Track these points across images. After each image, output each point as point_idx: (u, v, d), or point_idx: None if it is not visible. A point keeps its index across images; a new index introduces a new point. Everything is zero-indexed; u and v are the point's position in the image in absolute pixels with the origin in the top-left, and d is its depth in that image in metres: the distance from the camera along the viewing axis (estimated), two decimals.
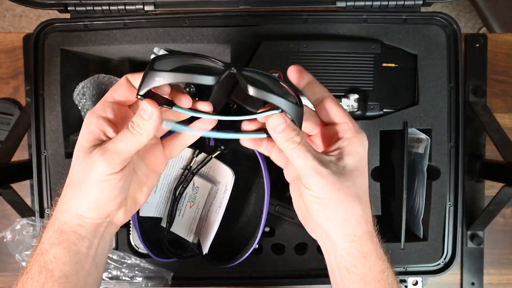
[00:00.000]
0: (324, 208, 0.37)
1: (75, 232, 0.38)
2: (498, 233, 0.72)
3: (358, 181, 0.37)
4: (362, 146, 0.38)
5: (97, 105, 0.38)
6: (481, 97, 0.70)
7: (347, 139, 0.38)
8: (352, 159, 0.38)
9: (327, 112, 0.39)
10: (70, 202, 0.38)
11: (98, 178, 0.36)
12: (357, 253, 0.38)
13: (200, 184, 0.57)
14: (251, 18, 0.58)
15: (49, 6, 0.57)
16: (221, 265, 0.56)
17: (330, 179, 0.36)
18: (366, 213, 0.38)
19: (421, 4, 0.58)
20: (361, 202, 0.37)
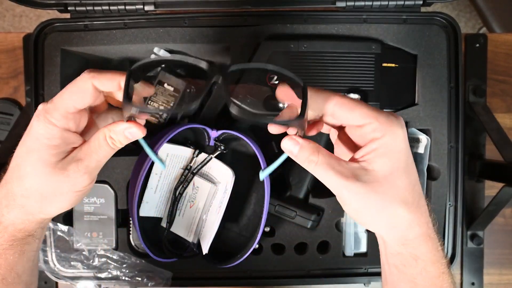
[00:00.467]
0: (367, 216, 0.35)
1: (32, 236, 0.40)
2: (498, 233, 0.72)
3: (398, 183, 0.34)
4: (396, 142, 0.34)
5: (55, 114, 0.36)
6: (481, 97, 0.70)
7: (376, 141, 0.34)
8: (385, 162, 0.34)
9: (342, 119, 0.35)
10: (32, 210, 0.38)
11: (77, 190, 0.38)
12: (408, 255, 0.36)
13: (200, 184, 0.57)
14: (251, 18, 0.58)
15: (49, 6, 0.58)
16: (221, 265, 0.56)
17: (361, 191, 0.33)
18: (417, 215, 0.35)
19: (421, 4, 0.58)
20: (407, 204, 0.34)
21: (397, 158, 0.34)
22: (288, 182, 0.60)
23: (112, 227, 0.59)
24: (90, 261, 0.59)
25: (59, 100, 0.36)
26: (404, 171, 0.34)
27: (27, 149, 0.37)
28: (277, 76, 0.38)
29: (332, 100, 0.35)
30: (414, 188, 0.35)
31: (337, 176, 0.34)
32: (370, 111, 0.34)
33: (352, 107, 0.34)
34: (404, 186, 0.34)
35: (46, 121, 0.36)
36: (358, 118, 0.34)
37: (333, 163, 0.34)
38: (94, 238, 0.59)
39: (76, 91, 0.36)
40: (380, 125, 0.34)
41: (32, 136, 0.37)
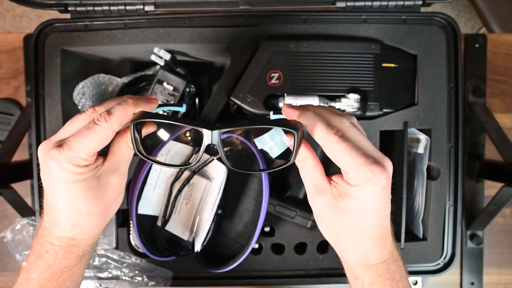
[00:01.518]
0: (323, 226, 0.40)
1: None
2: (497, 233, 0.72)
3: (349, 224, 0.37)
4: (362, 195, 0.36)
5: (77, 160, 0.37)
6: (480, 97, 0.71)
7: (347, 185, 0.37)
8: (347, 203, 0.37)
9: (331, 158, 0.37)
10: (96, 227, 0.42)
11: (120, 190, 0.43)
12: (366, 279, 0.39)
13: (196, 180, 0.57)
14: (251, 18, 0.58)
15: (49, 6, 0.58)
16: (213, 269, 0.56)
17: (321, 208, 0.38)
18: (361, 257, 0.38)
19: (420, 4, 0.58)
20: (353, 246, 0.38)
21: (359, 207, 0.37)
22: (288, 182, 0.61)
23: (112, 227, 0.59)
24: (90, 261, 0.59)
25: (79, 146, 0.37)
26: (373, 215, 0.37)
27: (62, 192, 0.38)
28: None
29: (321, 142, 0.37)
30: (381, 224, 0.38)
31: (311, 186, 0.39)
32: (351, 164, 0.36)
33: (334, 156, 0.36)
34: (372, 225, 0.37)
35: (70, 166, 0.37)
36: (338, 165, 0.37)
37: (312, 175, 0.38)
38: None
39: (97, 139, 0.37)
40: (355, 178, 0.36)
41: (60, 180, 0.37)
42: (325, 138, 0.36)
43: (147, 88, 0.62)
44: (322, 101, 0.56)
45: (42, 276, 0.39)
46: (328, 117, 0.38)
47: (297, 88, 0.56)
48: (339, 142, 0.35)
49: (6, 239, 0.58)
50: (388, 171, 0.36)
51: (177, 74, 0.59)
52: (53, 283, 0.39)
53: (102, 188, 0.39)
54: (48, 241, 0.39)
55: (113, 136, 0.38)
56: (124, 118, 0.38)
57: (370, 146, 0.37)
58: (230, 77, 0.57)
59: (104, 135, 0.37)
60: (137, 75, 0.62)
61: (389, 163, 0.37)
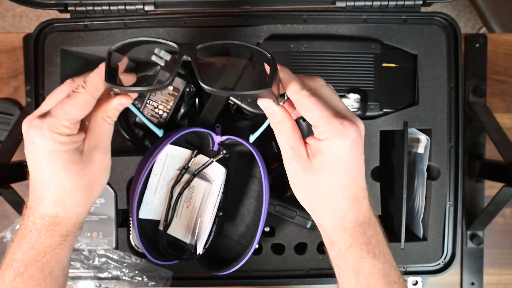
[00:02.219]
0: (296, 189, 0.40)
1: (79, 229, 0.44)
2: (498, 233, 0.72)
3: (324, 181, 0.38)
4: (333, 148, 0.37)
5: (59, 127, 0.38)
6: (480, 97, 0.70)
7: (317, 141, 0.37)
8: (319, 161, 0.37)
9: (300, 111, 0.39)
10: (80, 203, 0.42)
11: (104, 166, 0.43)
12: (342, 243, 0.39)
13: (196, 183, 0.57)
14: (251, 18, 0.58)
15: (49, 6, 0.58)
16: (216, 272, 0.56)
17: (298, 171, 0.38)
18: (337, 215, 0.38)
19: (421, 4, 0.58)
20: (329, 199, 0.38)
21: (333, 161, 0.37)
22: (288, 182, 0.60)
23: (112, 227, 0.59)
24: (90, 261, 0.59)
25: (61, 113, 0.38)
26: (346, 171, 0.37)
27: (44, 164, 0.38)
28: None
29: (293, 96, 0.38)
30: (355, 183, 0.38)
31: (289, 148, 0.39)
32: (320, 117, 0.37)
33: (305, 108, 0.37)
34: (346, 183, 0.37)
35: (52, 136, 0.37)
36: (308, 119, 0.38)
37: (290, 137, 0.39)
38: (94, 238, 0.59)
39: (77, 105, 0.38)
40: (324, 131, 0.37)
41: (42, 150, 0.38)
42: (297, 92, 0.37)
43: None
44: None
45: (25, 256, 0.39)
46: (303, 77, 0.40)
47: None
48: (310, 96, 0.37)
49: (6, 239, 0.58)
50: (358, 127, 0.37)
51: (177, 74, 0.59)
52: (37, 264, 0.39)
53: (84, 163, 0.40)
54: (31, 220, 0.39)
55: (93, 102, 0.39)
56: (99, 82, 0.39)
57: (342, 105, 0.39)
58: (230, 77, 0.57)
59: (84, 101, 0.38)
60: (137, 75, 0.61)
61: (360, 122, 0.38)
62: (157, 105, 0.59)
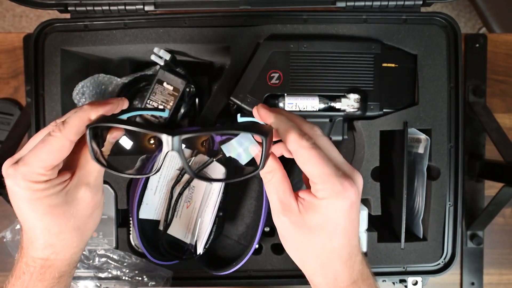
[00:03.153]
0: (285, 243, 0.38)
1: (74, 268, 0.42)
2: (498, 233, 0.72)
3: (316, 241, 0.35)
4: (329, 210, 0.34)
5: (33, 175, 0.35)
6: (480, 97, 0.70)
7: (314, 198, 0.35)
8: (314, 220, 0.35)
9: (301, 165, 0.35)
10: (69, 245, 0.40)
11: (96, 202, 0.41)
12: None
13: (196, 183, 0.57)
14: (251, 18, 0.58)
15: (49, 6, 0.58)
16: (216, 271, 0.56)
17: (287, 226, 0.36)
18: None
19: (421, 4, 0.58)
20: (317, 259, 0.36)
21: (328, 222, 0.35)
22: None
23: (112, 227, 0.59)
24: (90, 261, 0.59)
25: (34, 160, 0.35)
26: (342, 234, 0.35)
27: (26, 210, 0.37)
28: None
29: (292, 148, 0.35)
30: (350, 243, 0.36)
31: (278, 202, 0.36)
32: (321, 174, 0.34)
33: (304, 162, 0.34)
34: (341, 245, 0.35)
35: (27, 184, 0.35)
36: (307, 174, 0.35)
37: (279, 190, 0.36)
38: (94, 238, 0.59)
39: (51, 151, 0.35)
40: (322, 190, 0.34)
41: (21, 198, 0.36)
42: (297, 143, 0.34)
43: (147, 88, 0.62)
44: (322, 101, 0.56)
45: None
46: (300, 124, 0.37)
47: (297, 88, 0.56)
48: (311, 149, 0.34)
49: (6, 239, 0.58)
50: (358, 186, 0.35)
51: (177, 74, 0.59)
52: None
53: (70, 204, 0.37)
54: (24, 262, 0.38)
55: (71, 146, 0.36)
56: (79, 125, 0.36)
57: (340, 158, 0.36)
58: (230, 77, 0.57)
59: (59, 146, 0.35)
60: (137, 75, 0.61)
61: (359, 177, 0.36)
62: (157, 105, 0.59)
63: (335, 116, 0.57)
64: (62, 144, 0.35)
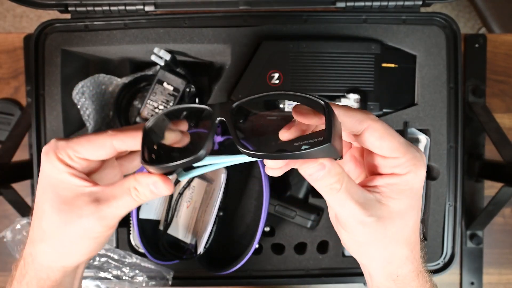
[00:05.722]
0: (365, 250, 0.34)
1: (60, 285, 0.36)
2: (497, 232, 0.72)
3: (409, 224, 0.32)
4: (417, 183, 0.32)
5: (63, 153, 0.33)
6: (480, 97, 0.71)
7: (398, 176, 0.32)
8: (402, 200, 0.32)
9: (367, 145, 0.32)
10: (50, 257, 0.35)
11: (91, 235, 0.34)
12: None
13: (196, 183, 0.57)
14: (251, 18, 0.58)
15: (49, 6, 0.58)
16: (216, 271, 0.56)
17: (373, 227, 0.31)
18: (414, 252, 0.34)
19: (420, 5, 0.58)
20: (409, 244, 0.33)
21: (415, 198, 0.32)
22: (288, 182, 0.61)
23: None
24: (90, 261, 0.59)
25: (75, 142, 0.33)
26: (416, 212, 0.33)
27: (42, 188, 0.35)
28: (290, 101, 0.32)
29: (365, 124, 0.31)
30: (418, 228, 0.34)
31: (356, 207, 0.30)
32: (399, 145, 0.31)
33: (382, 136, 0.31)
34: (413, 227, 0.33)
35: (54, 158, 0.33)
36: (386, 149, 0.31)
37: (353, 192, 0.31)
38: None
39: (94, 142, 0.33)
40: (406, 162, 0.31)
41: (43, 173, 0.34)
42: (369, 118, 0.31)
43: (147, 88, 0.63)
44: None
45: None
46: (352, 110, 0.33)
47: (297, 88, 0.56)
48: (382, 122, 0.31)
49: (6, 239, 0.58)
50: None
51: (177, 74, 0.59)
52: None
53: (71, 206, 0.33)
54: (27, 263, 0.36)
55: (111, 152, 0.34)
56: (128, 138, 0.33)
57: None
58: (230, 77, 0.57)
59: (101, 143, 0.33)
60: (137, 75, 0.62)
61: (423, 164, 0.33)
62: (157, 105, 0.59)
63: None
64: (106, 143, 0.33)
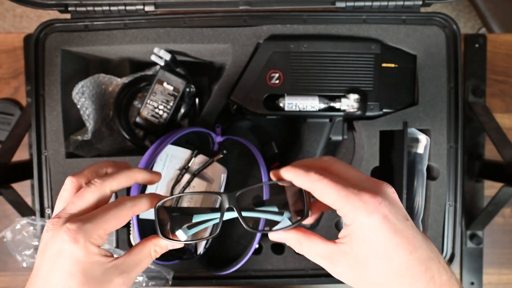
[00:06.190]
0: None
1: None
2: (497, 232, 0.72)
3: (392, 263, 0.32)
4: (366, 230, 0.32)
5: (94, 235, 0.34)
6: (480, 97, 0.71)
7: (347, 226, 0.33)
8: (364, 247, 0.32)
9: (320, 200, 0.35)
10: None
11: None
12: None
13: (196, 183, 0.57)
14: (251, 18, 0.58)
15: (49, 6, 0.58)
16: (216, 271, 0.56)
17: (348, 276, 0.34)
18: (425, 283, 0.32)
19: (420, 5, 0.58)
20: (403, 279, 0.32)
21: (372, 244, 0.32)
22: None
23: None
24: None
25: (102, 222, 0.35)
26: (391, 251, 0.32)
27: (69, 274, 0.34)
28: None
29: (297, 182, 0.36)
30: (414, 258, 0.32)
31: (322, 261, 0.35)
32: (338, 198, 0.33)
33: (322, 194, 0.34)
34: (399, 264, 0.32)
35: (86, 242, 0.34)
36: (329, 203, 0.34)
37: (315, 249, 0.35)
38: None
39: (119, 218, 0.36)
40: (347, 213, 0.33)
41: (71, 260, 0.34)
42: (307, 179, 0.34)
43: (147, 88, 0.63)
44: (322, 101, 0.56)
45: None
46: (308, 162, 0.37)
47: (297, 88, 0.56)
48: (321, 178, 0.33)
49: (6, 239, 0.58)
50: (386, 196, 0.33)
51: (177, 74, 0.59)
52: None
53: (102, 283, 0.35)
54: None
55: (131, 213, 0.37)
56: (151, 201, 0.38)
57: (361, 175, 0.35)
58: (230, 77, 0.57)
59: (125, 215, 0.36)
60: (137, 75, 0.62)
61: (386, 187, 0.33)
62: (157, 105, 0.59)
63: (335, 116, 0.57)
64: (127, 213, 0.36)
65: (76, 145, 0.61)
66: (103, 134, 0.64)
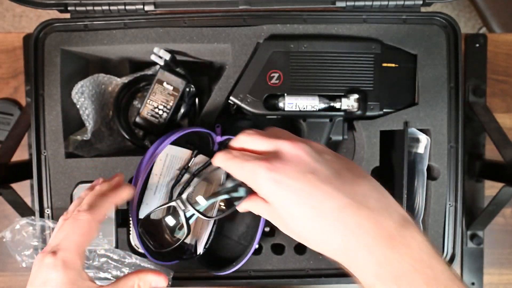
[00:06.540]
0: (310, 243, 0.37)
1: None
2: (498, 233, 0.72)
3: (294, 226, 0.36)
4: (272, 195, 0.35)
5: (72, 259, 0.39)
6: (481, 97, 0.70)
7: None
8: (279, 209, 0.35)
9: None
10: None
11: None
12: None
13: (196, 183, 0.57)
14: (251, 18, 0.58)
15: (49, 6, 0.58)
16: (216, 272, 0.56)
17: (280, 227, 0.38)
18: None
19: (421, 4, 0.58)
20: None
21: (280, 207, 0.35)
22: None
23: (112, 227, 0.59)
24: (90, 261, 0.59)
25: (70, 245, 0.39)
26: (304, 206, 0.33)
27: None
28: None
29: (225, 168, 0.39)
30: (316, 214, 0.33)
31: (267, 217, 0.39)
32: (241, 177, 0.37)
33: (234, 174, 0.38)
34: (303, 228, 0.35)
35: (66, 268, 0.38)
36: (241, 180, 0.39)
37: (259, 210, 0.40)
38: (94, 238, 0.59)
39: (85, 233, 0.40)
40: (254, 188, 0.37)
41: (59, 284, 0.38)
42: (222, 165, 0.39)
43: (147, 88, 0.62)
44: (322, 101, 0.56)
45: None
46: (230, 144, 0.41)
47: (297, 88, 0.56)
48: (229, 159, 0.37)
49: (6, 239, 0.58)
50: (277, 158, 0.34)
51: (177, 74, 0.59)
52: None
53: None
54: None
55: (97, 228, 0.41)
56: (107, 207, 0.43)
57: (260, 143, 0.37)
58: (230, 77, 0.57)
59: (90, 229, 0.40)
60: (137, 75, 0.61)
61: (282, 144, 0.35)
62: (157, 105, 0.59)
63: (335, 116, 0.57)
64: (93, 226, 0.40)
65: (75, 145, 0.61)
66: (103, 134, 0.64)
